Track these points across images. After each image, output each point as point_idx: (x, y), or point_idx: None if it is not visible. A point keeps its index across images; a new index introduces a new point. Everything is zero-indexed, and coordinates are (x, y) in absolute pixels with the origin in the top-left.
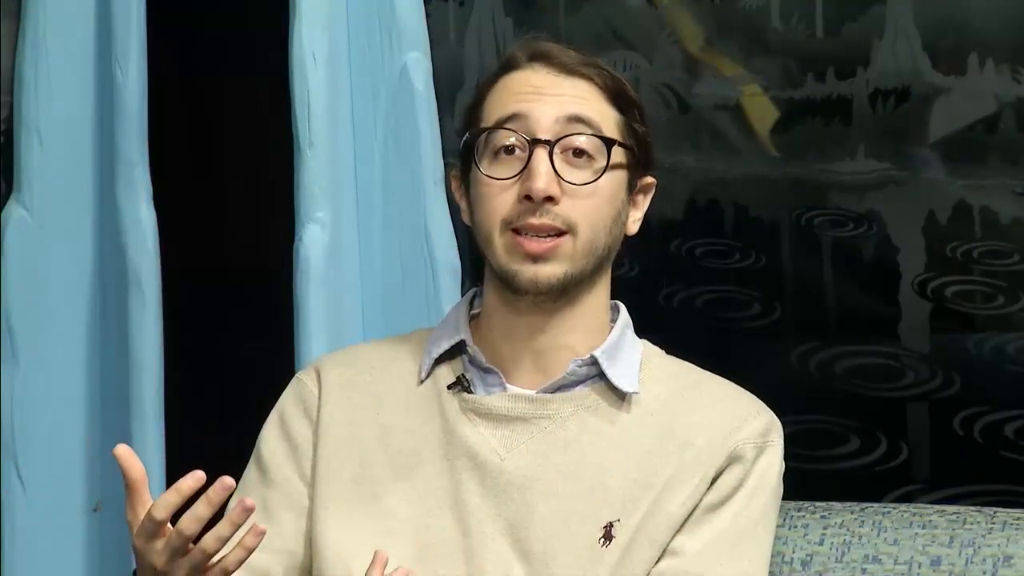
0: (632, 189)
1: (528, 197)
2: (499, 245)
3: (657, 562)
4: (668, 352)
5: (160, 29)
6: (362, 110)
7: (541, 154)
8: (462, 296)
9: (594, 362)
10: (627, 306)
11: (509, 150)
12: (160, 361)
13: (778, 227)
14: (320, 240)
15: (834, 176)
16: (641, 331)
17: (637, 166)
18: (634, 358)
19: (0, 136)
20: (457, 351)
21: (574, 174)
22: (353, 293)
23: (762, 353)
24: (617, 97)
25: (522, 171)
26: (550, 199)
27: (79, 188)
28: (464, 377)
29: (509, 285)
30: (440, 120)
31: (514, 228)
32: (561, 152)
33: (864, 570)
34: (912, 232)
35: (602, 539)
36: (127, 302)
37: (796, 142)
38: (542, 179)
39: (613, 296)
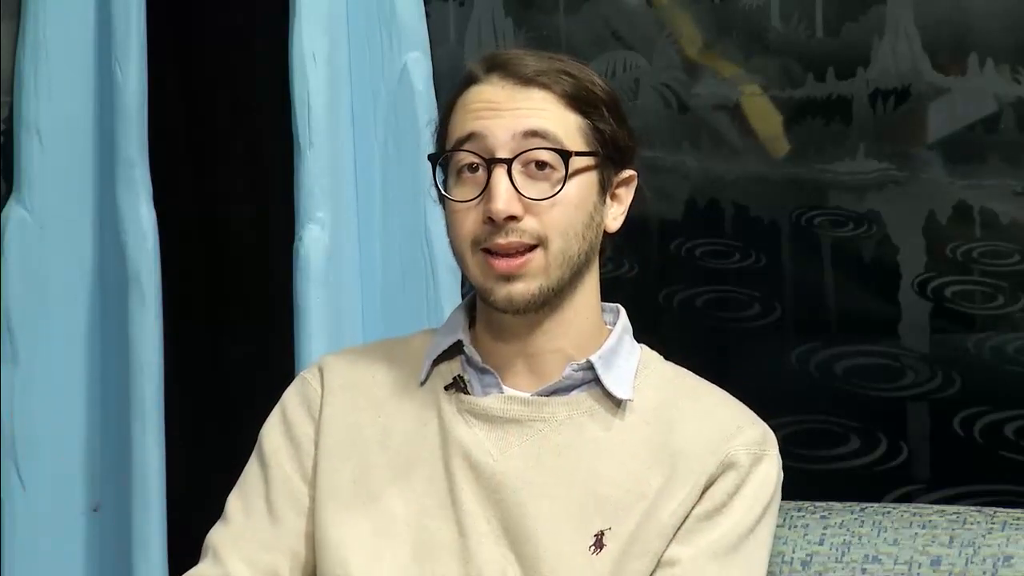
0: (606, 188)
1: (491, 218)
2: (472, 265)
3: (653, 573)
4: (668, 354)
5: (160, 29)
6: (362, 110)
7: (499, 174)
8: (462, 296)
9: (590, 367)
10: (627, 306)
11: (472, 169)
12: (160, 361)
13: (778, 227)
14: (320, 240)
15: (834, 176)
16: (641, 331)
17: (608, 165)
18: (630, 364)
19: (0, 136)
20: (456, 352)
21: (535, 188)
22: (353, 293)
23: (762, 353)
24: (578, 101)
25: (484, 191)
26: (512, 218)
27: (79, 188)
28: (461, 378)
29: (488, 303)
30: None
31: (484, 248)
32: (522, 166)
33: (864, 570)
34: (912, 232)
35: (592, 547)
36: (127, 302)
37: (796, 142)
38: (501, 199)
39: (612, 296)
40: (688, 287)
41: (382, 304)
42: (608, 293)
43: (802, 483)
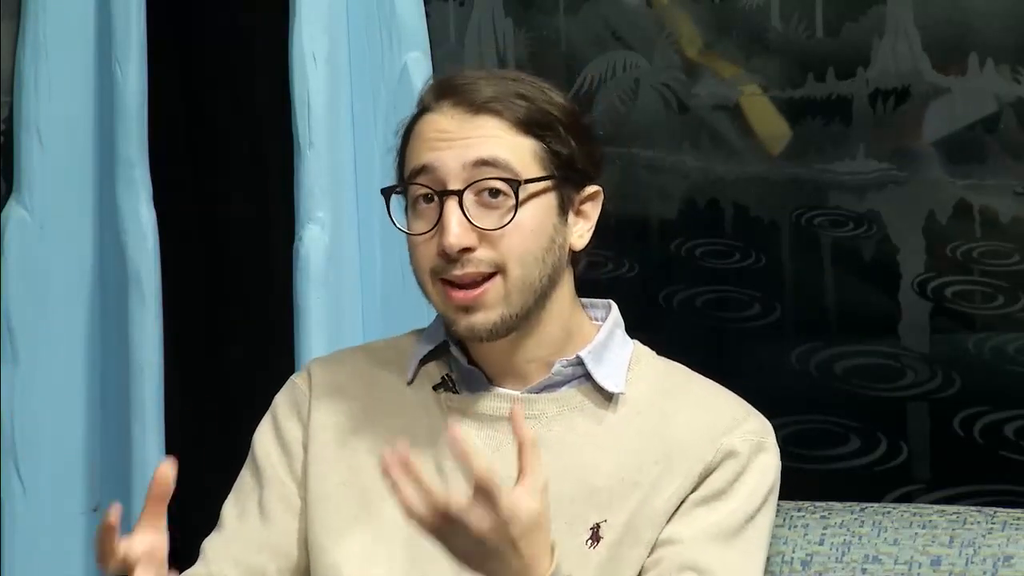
0: (566, 208)
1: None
2: (433, 295)
3: (651, 553)
4: (668, 354)
5: (160, 29)
6: (362, 110)
7: (451, 206)
8: None
9: (580, 362)
10: (627, 306)
11: (427, 199)
12: (160, 361)
13: (778, 227)
14: (320, 240)
15: (834, 176)
16: (641, 331)
17: (567, 185)
18: (622, 358)
19: (0, 136)
20: (443, 352)
21: (488, 217)
22: (353, 293)
23: (762, 353)
24: (531, 125)
25: (437, 223)
26: (467, 249)
27: (79, 188)
28: (449, 377)
29: (452, 331)
30: None
31: (442, 279)
32: (475, 195)
33: (864, 570)
34: (912, 232)
35: (589, 540)
36: (127, 302)
37: (796, 142)
38: (452, 233)
39: (612, 297)
40: (688, 287)
41: (382, 304)
42: (608, 293)
43: (802, 483)
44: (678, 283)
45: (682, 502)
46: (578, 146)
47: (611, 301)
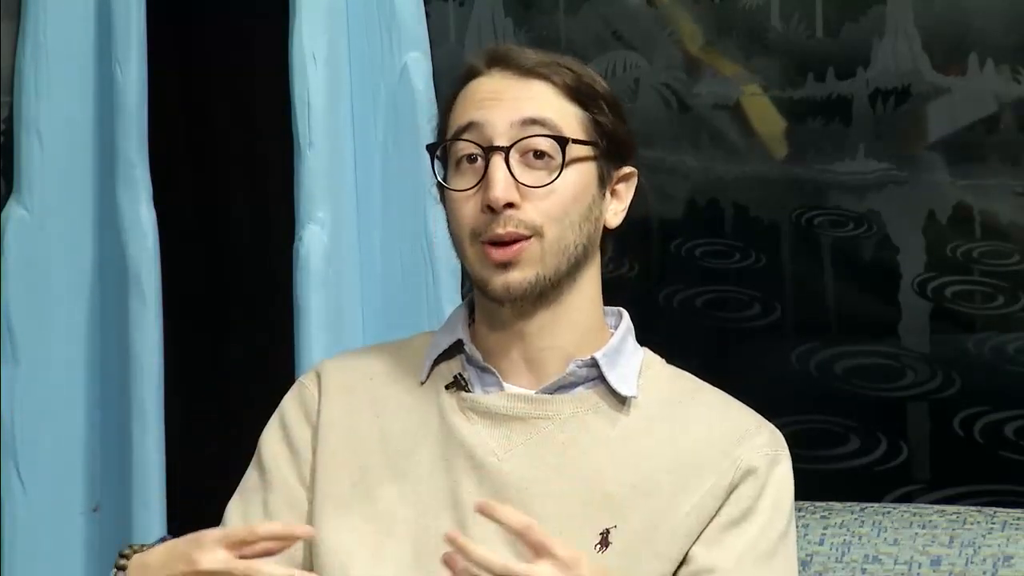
0: (605, 182)
1: (490, 207)
2: (471, 255)
3: None
4: (668, 355)
5: (160, 29)
6: (362, 110)
7: (497, 161)
8: (462, 296)
9: (594, 364)
10: (627, 306)
11: (471, 159)
12: (160, 361)
13: (778, 227)
14: (320, 240)
15: (834, 176)
16: (641, 331)
17: (608, 159)
18: (634, 364)
19: (0, 136)
20: (456, 351)
21: (532, 176)
22: (353, 293)
23: (762, 353)
24: (578, 93)
25: (482, 180)
26: (510, 205)
27: (79, 188)
28: (461, 376)
29: (485, 293)
30: None
31: (482, 240)
32: (520, 155)
33: (864, 570)
34: (912, 232)
35: (598, 545)
36: (127, 302)
37: (796, 142)
38: (499, 187)
39: (612, 296)
40: (688, 287)
41: (382, 304)
42: (608, 293)
43: (802, 483)
44: (678, 283)
45: (708, 522)
46: (617, 124)
47: (622, 309)
